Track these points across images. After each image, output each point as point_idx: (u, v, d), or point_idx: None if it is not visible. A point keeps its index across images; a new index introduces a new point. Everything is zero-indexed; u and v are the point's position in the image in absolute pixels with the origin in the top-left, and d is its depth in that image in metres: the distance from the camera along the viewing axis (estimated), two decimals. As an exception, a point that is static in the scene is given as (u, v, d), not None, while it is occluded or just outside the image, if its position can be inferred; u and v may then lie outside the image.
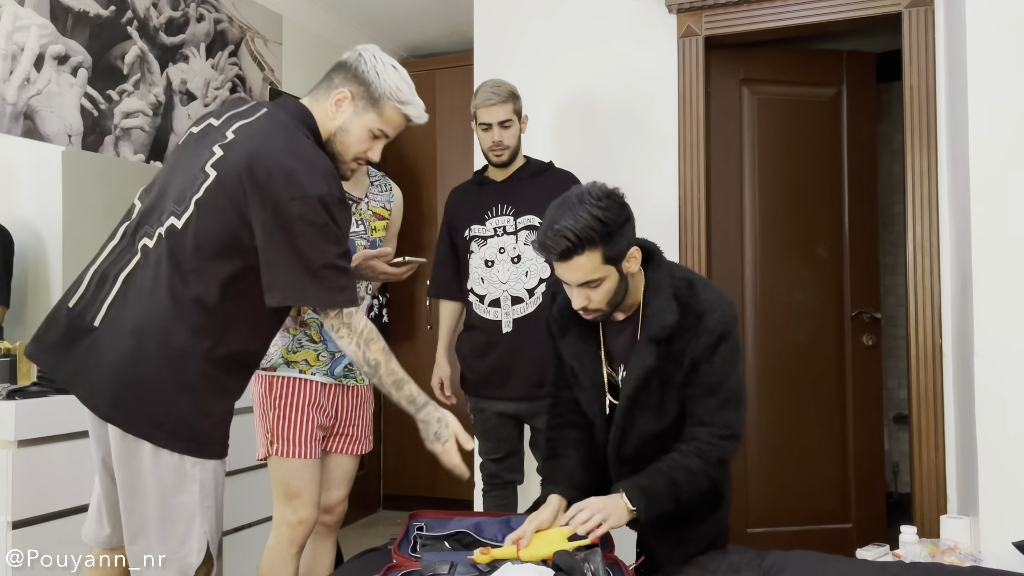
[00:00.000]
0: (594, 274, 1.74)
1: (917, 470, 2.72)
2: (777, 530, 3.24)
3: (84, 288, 1.68)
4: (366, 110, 1.74)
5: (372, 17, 4.33)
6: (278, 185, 1.57)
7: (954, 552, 2.20)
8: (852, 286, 3.41)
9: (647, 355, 1.80)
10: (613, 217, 1.72)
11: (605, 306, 1.80)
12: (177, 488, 1.60)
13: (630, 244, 1.78)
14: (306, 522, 2.15)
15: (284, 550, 2.15)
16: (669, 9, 3.04)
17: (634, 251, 1.79)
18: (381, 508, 4.56)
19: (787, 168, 3.37)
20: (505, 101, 2.56)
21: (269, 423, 2.16)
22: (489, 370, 2.61)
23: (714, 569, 1.85)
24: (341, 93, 1.73)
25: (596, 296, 1.78)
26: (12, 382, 2.43)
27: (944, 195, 2.73)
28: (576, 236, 1.69)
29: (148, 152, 3.25)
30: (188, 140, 1.76)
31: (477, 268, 2.63)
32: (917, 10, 2.79)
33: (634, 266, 1.80)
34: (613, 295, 1.79)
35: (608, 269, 1.75)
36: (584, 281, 1.75)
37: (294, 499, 2.14)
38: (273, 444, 2.15)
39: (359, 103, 1.74)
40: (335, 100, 1.73)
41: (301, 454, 2.14)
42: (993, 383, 2.30)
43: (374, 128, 1.76)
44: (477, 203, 2.66)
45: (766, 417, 3.30)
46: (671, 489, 1.77)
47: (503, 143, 2.58)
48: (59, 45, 2.89)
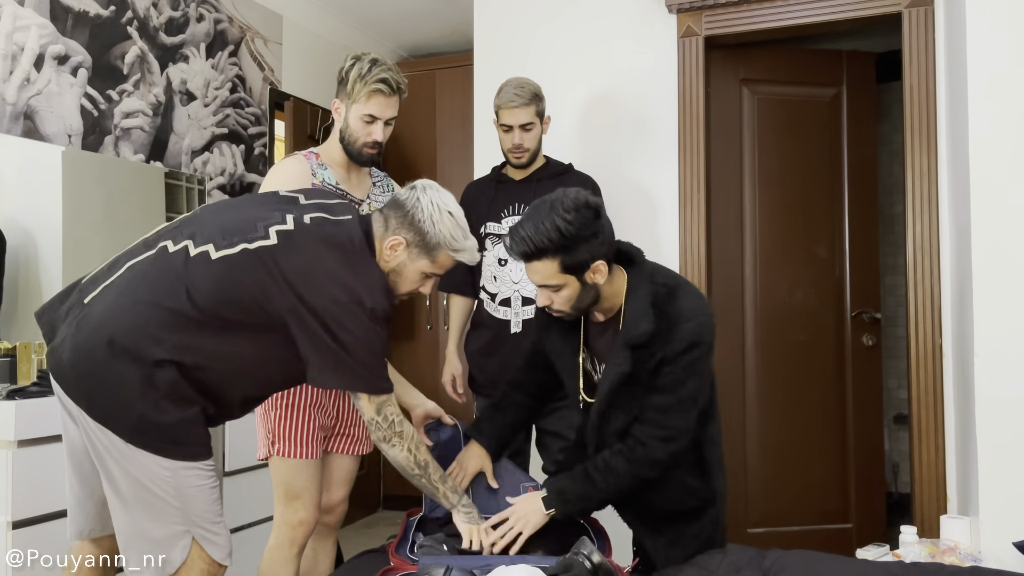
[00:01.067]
0: (551, 280, 1.79)
1: (917, 470, 2.73)
2: (777, 530, 3.24)
3: (99, 267, 1.74)
4: (420, 256, 1.81)
5: (372, 17, 4.33)
6: (330, 288, 1.65)
7: (954, 552, 2.20)
8: (852, 286, 3.41)
9: (623, 360, 1.82)
10: (575, 231, 1.75)
11: (569, 309, 1.85)
12: (151, 483, 1.60)
13: (595, 257, 1.79)
14: (307, 523, 2.14)
15: (284, 550, 2.14)
16: (669, 9, 3.04)
17: (599, 264, 1.80)
18: (381, 508, 4.57)
19: (787, 168, 3.37)
20: (528, 104, 2.53)
21: (271, 423, 2.15)
22: (498, 370, 2.61)
23: (714, 569, 1.85)
24: (396, 240, 1.78)
25: (557, 299, 1.83)
26: (12, 382, 2.43)
27: (944, 195, 2.73)
28: (532, 244, 1.76)
29: (148, 152, 3.25)
30: (269, 195, 1.87)
31: (490, 266, 2.62)
32: (917, 10, 2.79)
33: (599, 278, 1.82)
34: (576, 301, 1.83)
35: (566, 278, 1.79)
36: (542, 284, 1.82)
37: (295, 500, 2.13)
38: (275, 444, 2.13)
39: (413, 250, 1.80)
40: (390, 246, 1.79)
41: (302, 454, 2.13)
42: (993, 383, 2.30)
43: (427, 271, 1.84)
44: (494, 201, 2.65)
45: (766, 417, 3.30)
46: (588, 488, 1.86)
47: (523, 146, 2.56)
48: (59, 45, 2.89)
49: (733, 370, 3.25)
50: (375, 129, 2.15)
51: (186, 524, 1.63)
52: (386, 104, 2.14)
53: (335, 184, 2.19)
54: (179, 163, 3.38)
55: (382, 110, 2.14)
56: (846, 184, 3.42)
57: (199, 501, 1.64)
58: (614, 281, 1.88)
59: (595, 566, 1.63)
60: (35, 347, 2.53)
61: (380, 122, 2.15)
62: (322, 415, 2.17)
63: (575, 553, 1.66)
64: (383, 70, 2.13)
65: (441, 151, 4.46)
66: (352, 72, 2.13)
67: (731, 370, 3.23)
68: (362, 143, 2.17)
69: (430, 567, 1.66)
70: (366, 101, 2.13)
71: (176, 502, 1.61)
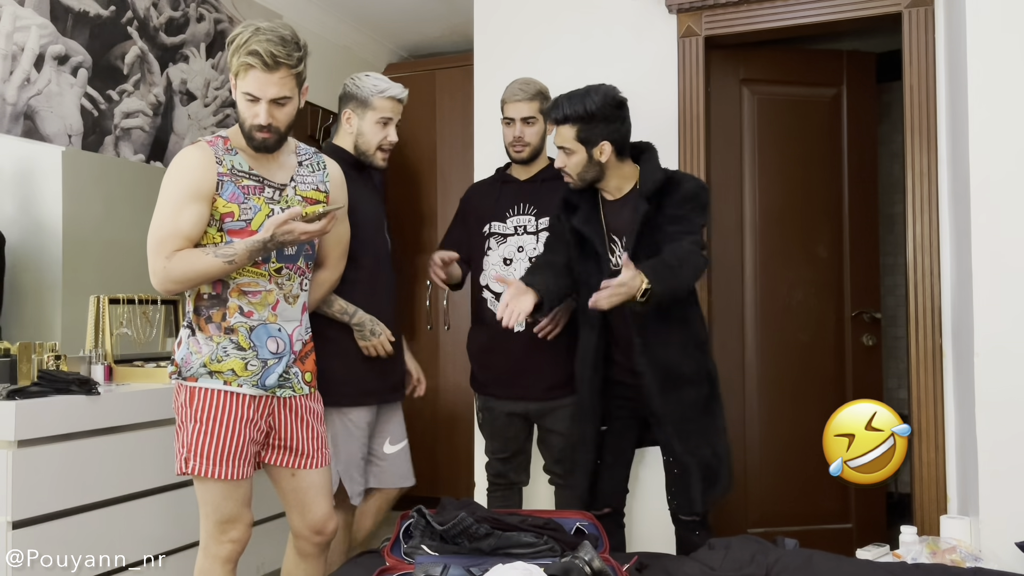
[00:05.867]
0: (567, 143, 2.26)
1: (917, 470, 2.72)
2: (777, 530, 3.23)
3: None
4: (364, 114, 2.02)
5: (372, 17, 4.33)
6: None
7: (955, 551, 2.20)
8: (852, 286, 3.41)
9: (641, 205, 2.25)
10: (598, 111, 2.22)
11: (575, 176, 2.29)
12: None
13: (605, 138, 2.24)
14: (240, 541, 2.00)
15: (218, 568, 2.00)
16: (669, 9, 3.04)
17: (605, 145, 2.24)
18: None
19: (787, 168, 3.37)
20: (531, 99, 2.58)
21: (187, 436, 1.95)
22: (500, 369, 2.61)
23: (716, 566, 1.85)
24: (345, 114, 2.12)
25: (569, 163, 2.28)
26: (12, 382, 2.43)
27: (944, 195, 2.73)
28: (562, 111, 2.25)
29: (148, 152, 3.25)
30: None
31: (495, 265, 2.62)
32: (917, 10, 2.79)
33: (603, 158, 2.26)
34: (581, 171, 2.28)
35: (578, 146, 2.25)
36: (560, 145, 2.29)
37: (228, 524, 1.98)
38: (189, 462, 1.93)
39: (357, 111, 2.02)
40: (345, 119, 2.09)
41: (228, 475, 1.93)
42: (993, 383, 2.30)
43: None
44: (499, 200, 2.66)
45: (766, 417, 3.30)
46: (672, 270, 2.14)
47: (523, 139, 2.59)
48: (59, 45, 2.89)
49: (733, 370, 3.25)
50: (259, 110, 1.91)
51: None
52: (265, 80, 1.89)
53: (247, 170, 2.00)
54: (179, 163, 3.38)
55: (260, 87, 1.89)
56: (846, 184, 3.42)
57: None
58: (623, 168, 2.32)
59: (594, 572, 1.63)
60: (35, 347, 2.53)
61: (263, 102, 1.91)
62: (252, 430, 1.99)
63: (574, 557, 1.65)
64: (261, 40, 1.86)
65: (441, 151, 4.45)
66: (233, 44, 1.91)
67: (731, 370, 3.23)
68: (249, 125, 1.93)
69: (427, 566, 1.66)
70: (244, 76, 1.90)
71: None
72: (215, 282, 1.98)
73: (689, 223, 2.23)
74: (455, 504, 2.13)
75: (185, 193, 1.94)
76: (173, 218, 1.93)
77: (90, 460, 2.43)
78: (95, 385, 2.48)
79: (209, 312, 1.99)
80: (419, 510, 2.03)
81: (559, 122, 2.26)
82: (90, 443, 2.42)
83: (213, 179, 1.95)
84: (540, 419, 2.62)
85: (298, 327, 2.09)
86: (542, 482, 2.75)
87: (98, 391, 2.47)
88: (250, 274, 2.00)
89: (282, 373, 2.03)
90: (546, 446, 2.66)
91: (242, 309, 1.99)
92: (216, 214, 1.96)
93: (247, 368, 1.99)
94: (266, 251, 1.95)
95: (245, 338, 1.99)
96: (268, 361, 2.01)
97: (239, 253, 1.93)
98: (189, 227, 1.93)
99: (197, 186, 1.94)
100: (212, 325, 1.99)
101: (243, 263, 1.95)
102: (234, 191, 1.97)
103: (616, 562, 1.80)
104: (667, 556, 2.11)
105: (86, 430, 2.42)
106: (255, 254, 1.95)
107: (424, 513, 2.00)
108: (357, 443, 2.36)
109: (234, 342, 1.98)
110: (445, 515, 1.98)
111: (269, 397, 2.03)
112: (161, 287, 1.94)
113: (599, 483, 2.40)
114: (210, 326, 1.99)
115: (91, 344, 2.83)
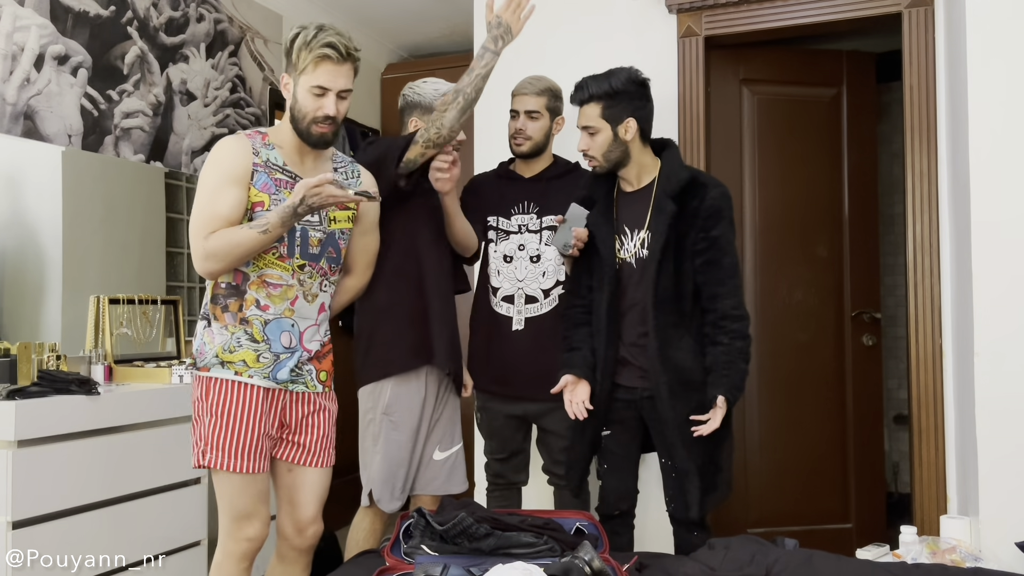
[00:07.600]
0: (591, 123, 2.29)
1: (917, 470, 2.73)
2: (777, 530, 3.24)
3: None
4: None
5: (372, 17, 4.33)
6: None
7: (955, 551, 2.20)
8: (852, 286, 3.41)
9: (668, 204, 2.25)
10: (622, 89, 2.26)
11: (600, 157, 2.31)
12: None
13: (630, 115, 2.27)
14: (257, 539, 2.01)
15: (233, 565, 2.01)
16: (669, 9, 3.04)
17: (631, 122, 2.27)
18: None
19: (787, 168, 3.37)
20: (539, 94, 2.59)
21: (204, 429, 1.96)
22: (498, 368, 2.60)
23: (716, 566, 1.85)
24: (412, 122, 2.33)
25: (593, 144, 2.30)
26: (12, 382, 2.42)
27: (944, 195, 2.73)
28: (588, 91, 2.29)
29: (148, 152, 3.25)
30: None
31: (495, 261, 2.62)
32: (917, 10, 2.79)
33: (628, 136, 2.28)
34: (606, 150, 2.30)
35: (603, 124, 2.28)
36: (584, 126, 2.31)
37: (244, 520, 1.99)
38: (206, 454, 1.95)
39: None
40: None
41: (243, 468, 1.94)
42: (993, 383, 2.30)
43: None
44: (503, 196, 2.65)
45: (766, 417, 3.30)
46: (741, 374, 2.22)
47: (525, 132, 2.59)
48: (59, 45, 2.89)
49: (733, 370, 3.24)
50: (326, 102, 2.00)
51: None
52: (336, 72, 1.99)
53: (282, 164, 2.05)
54: (179, 163, 3.38)
55: (332, 79, 1.99)
56: (846, 184, 3.42)
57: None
58: (646, 156, 2.35)
59: (594, 572, 1.63)
60: (35, 347, 2.53)
61: (331, 94, 2.00)
62: (266, 423, 2.01)
63: (574, 557, 1.65)
64: (330, 35, 1.99)
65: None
66: (297, 41, 2.00)
67: (731, 370, 3.23)
68: (311, 119, 2.01)
69: (427, 566, 1.66)
70: (313, 70, 1.98)
71: None
72: (235, 272, 2.02)
73: (718, 250, 2.23)
74: (455, 504, 2.13)
75: (223, 177, 1.99)
76: (211, 202, 1.98)
77: (90, 460, 2.43)
78: (95, 385, 2.48)
79: (227, 301, 2.03)
80: (419, 510, 2.03)
81: (584, 102, 2.29)
82: (90, 443, 2.42)
83: (248, 166, 2.00)
84: (539, 420, 2.62)
85: (313, 326, 2.11)
86: (542, 482, 2.75)
87: (98, 391, 2.47)
88: (275, 266, 2.04)
89: (294, 368, 2.06)
90: (545, 446, 2.66)
91: (259, 302, 2.03)
92: (248, 203, 2.00)
93: (259, 360, 2.02)
94: (297, 216, 1.97)
95: (259, 331, 2.03)
96: (280, 355, 2.04)
97: (272, 222, 1.96)
98: (228, 209, 1.97)
99: (233, 170, 1.99)
100: (228, 314, 2.03)
101: (277, 233, 1.97)
102: (266, 181, 2.02)
103: (616, 562, 1.80)
104: (667, 556, 2.11)
105: (86, 430, 2.42)
106: (287, 221, 1.96)
107: (424, 513, 2.01)
108: (404, 451, 2.35)
109: (248, 333, 2.02)
110: (445, 515, 1.98)
111: (281, 391, 2.05)
112: (202, 267, 1.99)
113: (609, 486, 2.42)
114: (226, 315, 2.02)
115: (91, 344, 2.83)
